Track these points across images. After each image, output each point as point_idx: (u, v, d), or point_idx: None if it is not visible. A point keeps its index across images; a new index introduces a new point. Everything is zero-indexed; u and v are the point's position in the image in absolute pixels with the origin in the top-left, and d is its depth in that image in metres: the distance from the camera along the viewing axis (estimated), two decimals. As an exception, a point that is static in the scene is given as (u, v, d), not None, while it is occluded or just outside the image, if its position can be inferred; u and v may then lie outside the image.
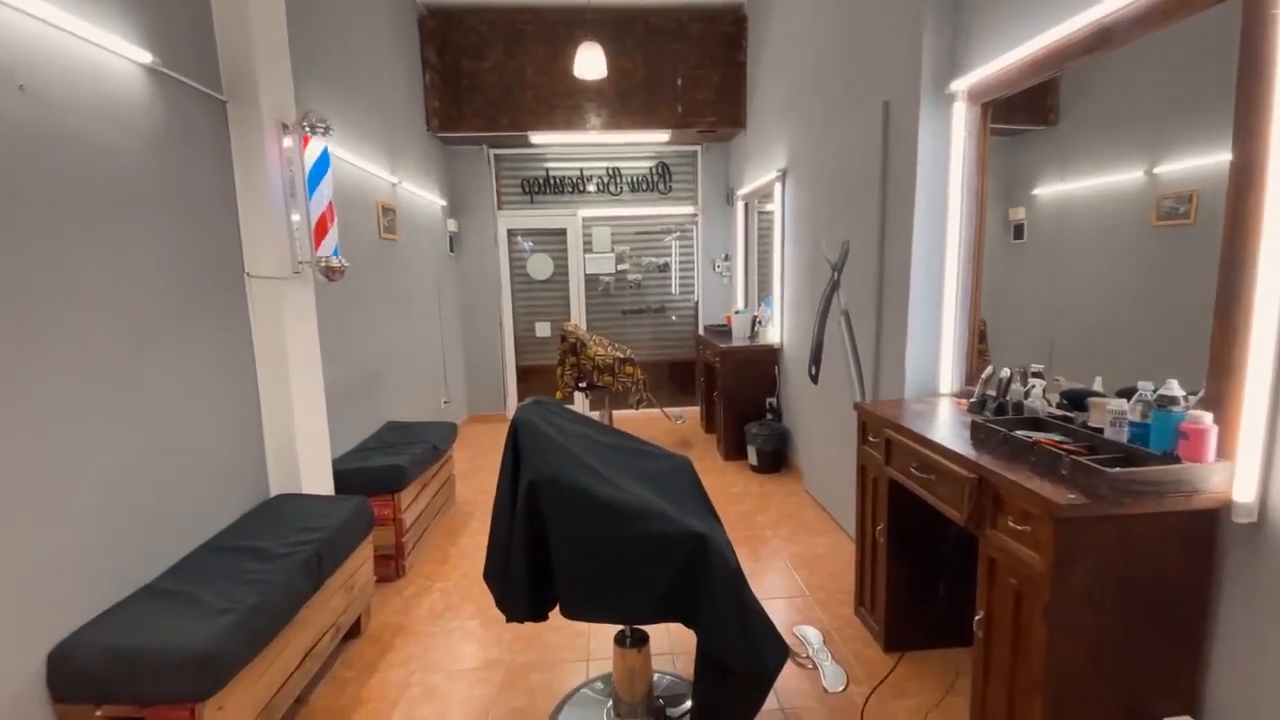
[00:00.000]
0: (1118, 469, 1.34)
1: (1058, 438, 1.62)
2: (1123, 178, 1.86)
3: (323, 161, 2.42)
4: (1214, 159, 1.54)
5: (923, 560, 2.16)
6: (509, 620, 1.58)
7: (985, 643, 1.63)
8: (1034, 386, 1.86)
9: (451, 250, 5.45)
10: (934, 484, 1.80)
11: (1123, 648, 1.43)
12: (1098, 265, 2.01)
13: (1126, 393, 1.63)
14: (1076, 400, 1.71)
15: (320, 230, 2.43)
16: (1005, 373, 2.01)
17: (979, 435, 1.74)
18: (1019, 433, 1.64)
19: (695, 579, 1.46)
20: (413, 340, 4.33)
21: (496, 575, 1.63)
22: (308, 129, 2.35)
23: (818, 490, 3.66)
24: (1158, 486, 1.34)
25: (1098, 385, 1.80)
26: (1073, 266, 2.09)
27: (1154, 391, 1.49)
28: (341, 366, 3.16)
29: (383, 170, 3.81)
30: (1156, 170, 1.76)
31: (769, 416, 4.36)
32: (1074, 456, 1.43)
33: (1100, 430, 1.60)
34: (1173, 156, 1.72)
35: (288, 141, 2.36)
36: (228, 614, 1.64)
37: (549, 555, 1.52)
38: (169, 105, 1.98)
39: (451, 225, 5.38)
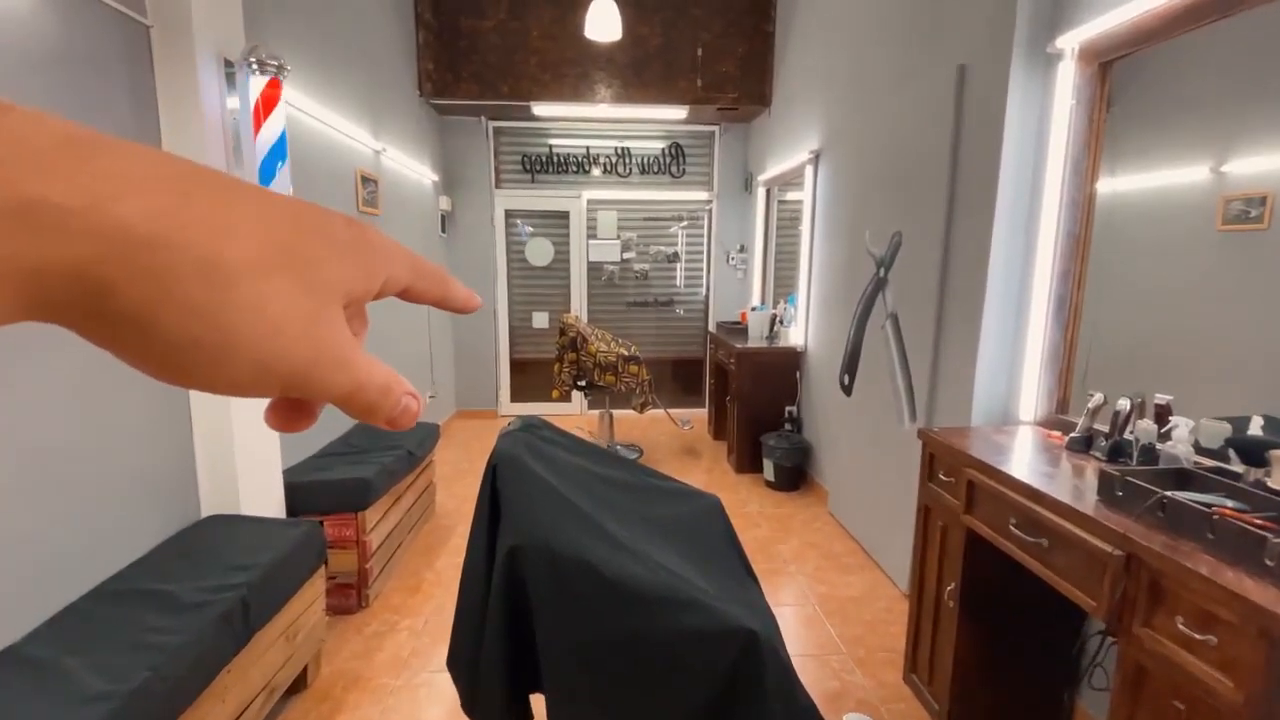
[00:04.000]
0: (1378, 572, 0.91)
1: (1230, 504, 1.20)
2: (1184, 175, 1.64)
3: (280, 145, 1.95)
4: None
5: (1002, 632, 1.74)
6: (477, 736, 1.15)
7: (1121, 775, 1.21)
8: (1176, 425, 1.43)
9: (443, 230, 4.99)
10: (1047, 552, 1.38)
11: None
12: (1156, 273, 1.74)
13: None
14: (1250, 451, 1.28)
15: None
16: (1123, 403, 1.59)
17: (1113, 491, 1.31)
18: (1179, 494, 1.21)
19: (740, 694, 1.04)
20: (393, 326, 3.88)
21: (463, 667, 1.20)
22: (255, 67, 1.90)
23: (845, 516, 3.24)
24: None
25: (1256, 429, 1.38)
26: (1127, 274, 1.82)
27: (1390, 450, 1.06)
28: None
29: (364, 135, 3.35)
30: (1224, 168, 1.53)
31: (788, 427, 3.94)
32: (1290, 543, 1.00)
33: (1291, 495, 1.18)
34: (1243, 153, 1.49)
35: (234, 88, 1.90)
36: (103, 701, 1.22)
37: (535, 647, 1.09)
38: (68, 22, 1.53)
39: (444, 203, 4.91)
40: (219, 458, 2.00)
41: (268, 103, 1.91)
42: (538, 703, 1.20)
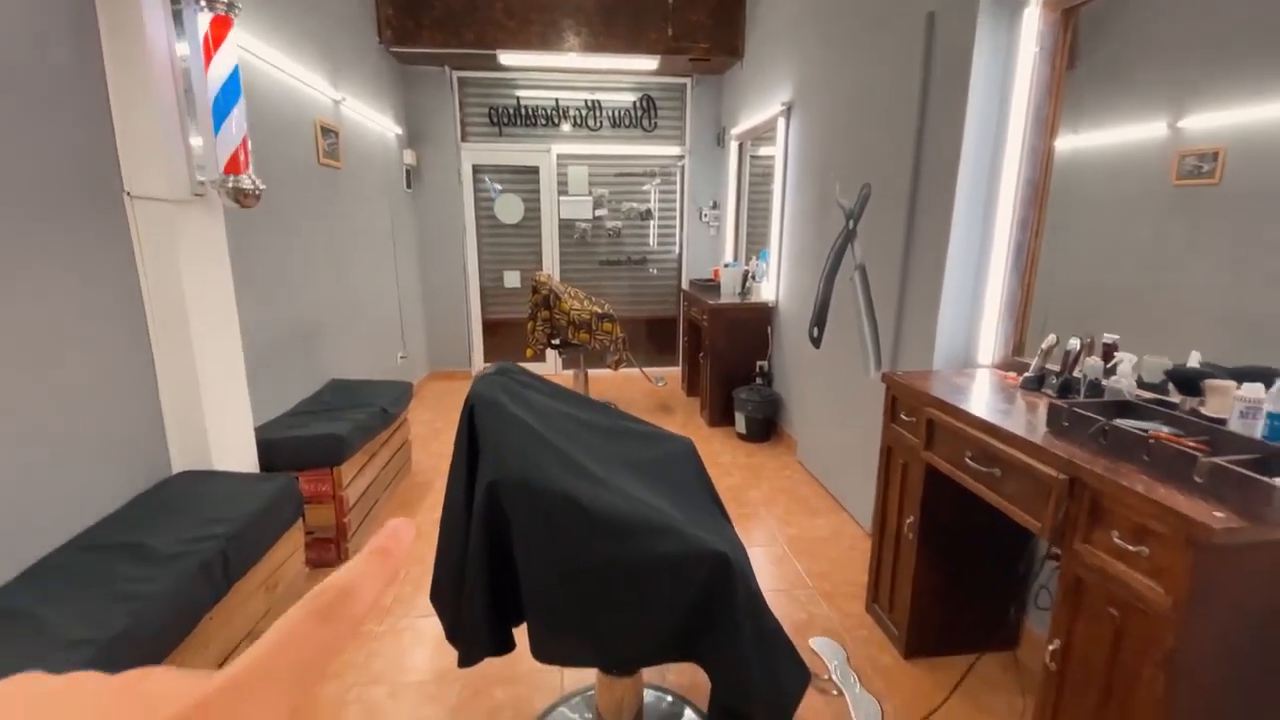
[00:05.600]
0: (1291, 481, 1.00)
1: (1166, 429, 1.28)
2: (1144, 131, 1.69)
3: (233, 83, 1.86)
4: (1242, 113, 1.44)
5: (956, 560, 1.85)
6: (463, 664, 1.20)
7: (1059, 680, 1.32)
8: (1120, 361, 1.52)
9: (409, 186, 4.85)
10: (999, 481, 1.46)
11: (1247, 705, 1.13)
12: (1114, 226, 1.81)
13: (1243, 375, 1.30)
14: (1187, 382, 1.37)
15: (226, 143, 1.89)
16: (1073, 343, 1.67)
17: (1060, 422, 1.39)
18: (1121, 421, 1.29)
19: (712, 613, 1.10)
20: (363, 286, 3.81)
21: (446, 601, 1.24)
22: (203, 5, 1.80)
23: (813, 463, 3.35)
24: (1340, 505, 1.01)
25: (1194, 362, 1.47)
26: (1086, 227, 1.90)
27: (1309, 376, 1.15)
28: (271, 314, 2.66)
29: (323, 83, 3.21)
30: (1181, 124, 1.59)
31: (759, 381, 4.02)
32: (1216, 460, 1.09)
33: (1221, 421, 1.27)
34: (1199, 108, 1.55)
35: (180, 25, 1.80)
36: (84, 646, 1.23)
37: (516, 578, 1.13)
38: (-10, -53, 1.42)
39: (409, 157, 4.76)
40: (187, 414, 1.98)
41: (217, 39, 1.82)
42: (520, 638, 1.25)
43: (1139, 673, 1.13)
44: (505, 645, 1.24)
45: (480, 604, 1.14)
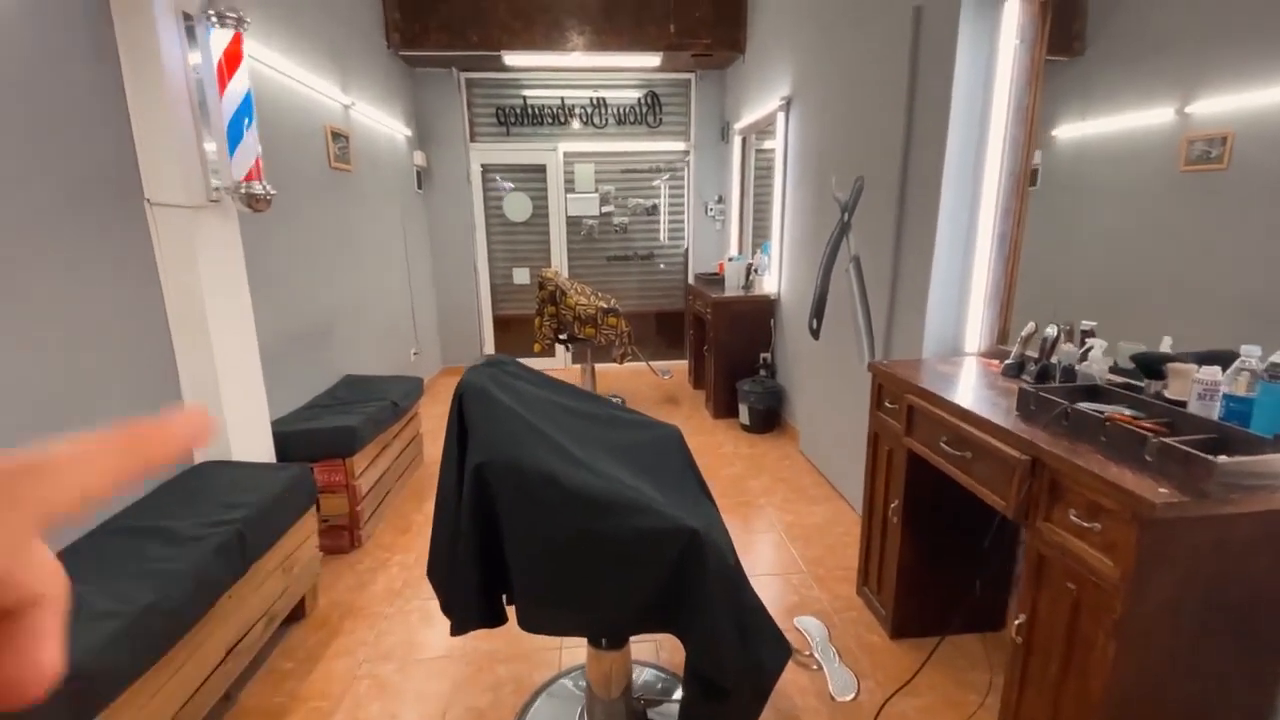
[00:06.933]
0: (1229, 458, 1.05)
1: (1128, 412, 1.33)
2: (1152, 117, 1.68)
3: (246, 104, 1.97)
4: (1250, 97, 1.42)
5: (938, 542, 1.91)
6: (455, 632, 1.29)
7: (1025, 651, 1.38)
8: (1091, 347, 1.56)
9: (419, 187, 4.97)
10: (970, 463, 1.52)
11: (1196, 668, 1.18)
12: (1120, 215, 1.80)
13: (1206, 358, 1.34)
14: (1150, 366, 1.41)
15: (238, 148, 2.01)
16: (1051, 330, 1.70)
17: (1028, 406, 1.45)
18: (1083, 405, 1.34)
19: (686, 585, 1.18)
20: (376, 285, 3.93)
21: (441, 574, 1.33)
22: (214, 20, 1.90)
23: (814, 453, 3.40)
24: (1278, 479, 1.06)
25: (1165, 347, 1.50)
26: (1092, 215, 1.89)
27: (1261, 358, 1.19)
28: (286, 313, 2.78)
29: (333, 89, 3.33)
30: (1189, 109, 1.58)
31: (762, 373, 4.07)
32: (1164, 439, 1.14)
33: (1182, 404, 1.31)
34: (1207, 93, 1.53)
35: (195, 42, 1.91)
36: (112, 619, 1.34)
37: (503, 553, 1.22)
38: (17, -25, 1.54)
39: (419, 158, 4.88)
40: (208, 407, 2.10)
41: (231, 60, 1.93)
42: (511, 612, 1.34)
43: (1094, 641, 1.19)
44: (495, 617, 1.33)
45: (471, 578, 1.24)
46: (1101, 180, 1.86)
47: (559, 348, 4.97)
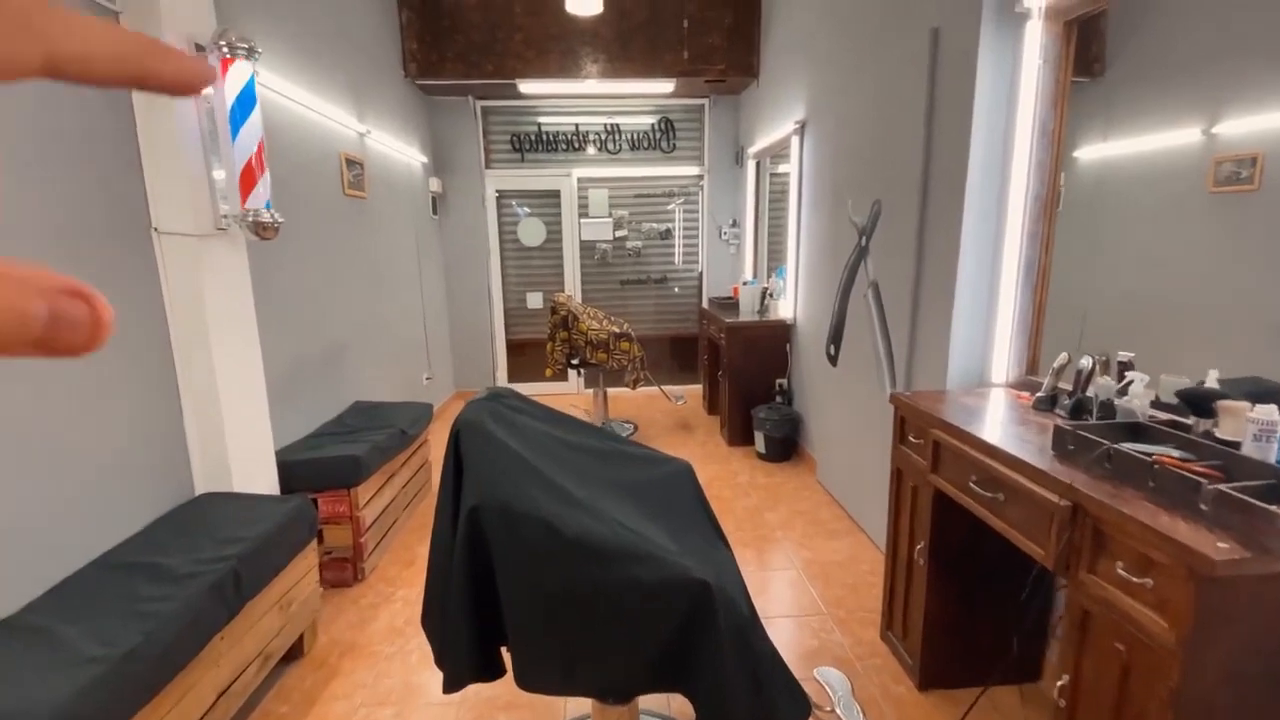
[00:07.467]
0: (1299, 511, 0.94)
1: (1175, 454, 1.23)
2: (1177, 137, 1.62)
3: (248, 94, 1.98)
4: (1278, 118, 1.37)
5: (969, 586, 1.79)
6: (447, 689, 1.21)
7: (1069, 715, 1.26)
8: (1132, 381, 1.46)
9: (435, 212, 5.00)
10: (1003, 506, 1.41)
11: (1269, 742, 1.06)
12: (1149, 236, 1.73)
13: (1258, 394, 1.23)
14: (1197, 403, 1.31)
15: (247, 178, 2.00)
16: (1085, 362, 1.60)
17: (1065, 445, 1.34)
18: (1126, 445, 1.24)
19: (696, 640, 1.09)
20: (389, 310, 3.92)
21: (434, 623, 1.25)
22: (225, 50, 1.91)
23: (833, 484, 3.28)
24: (1356, 536, 0.95)
25: (1212, 381, 1.40)
26: (1119, 237, 1.82)
27: (1326, 396, 1.09)
28: (296, 340, 2.76)
29: (348, 117, 3.35)
30: (1216, 129, 1.52)
31: (779, 399, 3.97)
32: (1220, 486, 1.03)
33: (1235, 445, 1.20)
34: (1235, 113, 1.48)
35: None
36: (94, 664, 1.28)
37: (499, 603, 1.14)
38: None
39: (434, 185, 4.92)
40: (209, 437, 2.06)
41: (239, 87, 1.93)
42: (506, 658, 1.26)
43: (1145, 711, 1.07)
44: (491, 670, 1.24)
45: (465, 629, 1.16)
46: (1128, 202, 1.78)
47: (571, 373, 4.91)
